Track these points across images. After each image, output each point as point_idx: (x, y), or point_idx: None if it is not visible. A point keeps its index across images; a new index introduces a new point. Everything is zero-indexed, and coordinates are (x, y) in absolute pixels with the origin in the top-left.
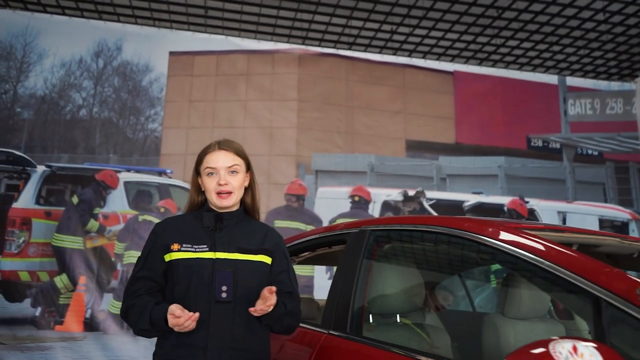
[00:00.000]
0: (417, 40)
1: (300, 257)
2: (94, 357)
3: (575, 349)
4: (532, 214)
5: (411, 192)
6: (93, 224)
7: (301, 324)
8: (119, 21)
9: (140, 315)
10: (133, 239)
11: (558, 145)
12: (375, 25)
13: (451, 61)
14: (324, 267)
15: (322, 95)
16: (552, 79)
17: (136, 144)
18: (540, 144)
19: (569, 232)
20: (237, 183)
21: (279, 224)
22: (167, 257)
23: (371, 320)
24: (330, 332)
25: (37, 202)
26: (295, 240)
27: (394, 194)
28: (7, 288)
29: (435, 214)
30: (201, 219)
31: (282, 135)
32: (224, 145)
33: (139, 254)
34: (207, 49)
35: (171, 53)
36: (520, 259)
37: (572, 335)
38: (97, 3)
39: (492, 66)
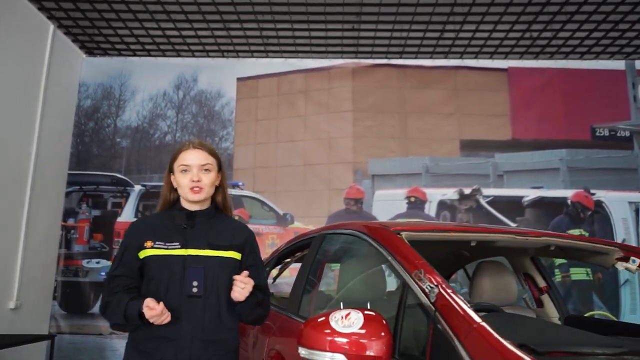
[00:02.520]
0: (465, 42)
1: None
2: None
3: (347, 315)
4: (599, 205)
5: (467, 191)
6: None
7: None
8: (193, 56)
9: (116, 310)
10: None
11: (627, 134)
12: (420, 33)
13: (505, 58)
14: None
15: (375, 104)
16: (617, 64)
17: None
18: (606, 133)
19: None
20: (208, 180)
21: None
22: (142, 254)
23: (314, 306)
24: (289, 314)
25: (136, 216)
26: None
27: (450, 193)
28: None
29: (493, 211)
30: (173, 218)
31: (339, 145)
32: (197, 144)
33: None
34: (268, 72)
35: (238, 79)
36: (380, 252)
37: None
38: (175, 44)
39: (550, 58)
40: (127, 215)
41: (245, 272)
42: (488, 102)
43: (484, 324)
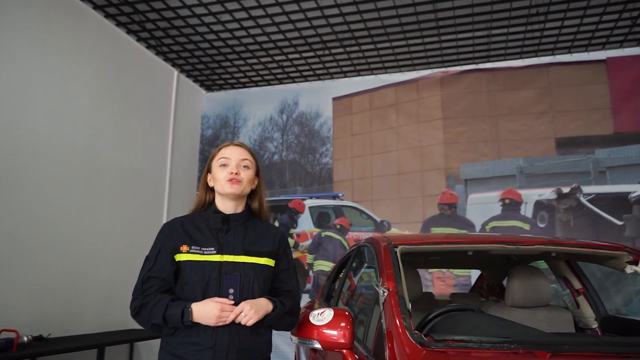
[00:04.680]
0: (554, 37)
1: None
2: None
3: (322, 312)
4: None
5: (565, 190)
6: (290, 242)
7: None
8: (293, 82)
9: (155, 311)
10: (319, 250)
11: None
12: (503, 34)
13: (602, 49)
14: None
15: (465, 110)
16: None
17: (315, 176)
18: None
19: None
20: (246, 176)
21: (435, 230)
22: (177, 257)
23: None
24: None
25: None
26: None
27: (547, 193)
28: None
29: (595, 209)
30: (208, 220)
31: (431, 152)
32: (238, 143)
33: (326, 262)
34: (361, 89)
35: (334, 99)
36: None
37: (579, 323)
38: (276, 74)
39: None
40: None
41: (247, 307)
42: (585, 96)
43: (397, 320)
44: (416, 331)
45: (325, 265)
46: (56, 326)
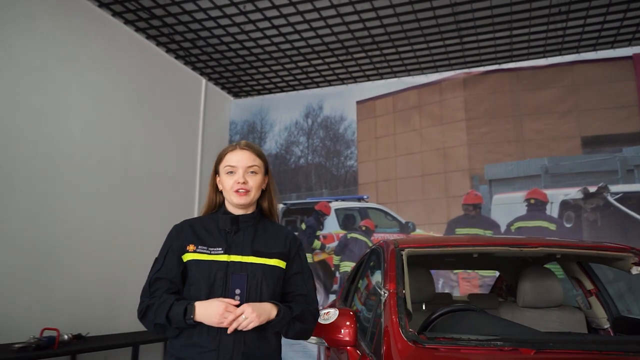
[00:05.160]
0: (577, 35)
1: None
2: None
3: (327, 312)
4: None
5: (592, 189)
6: (317, 243)
7: None
8: (318, 87)
9: (159, 311)
10: (345, 252)
11: None
12: (524, 34)
13: (628, 45)
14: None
15: (488, 111)
16: None
17: (340, 179)
18: None
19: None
20: (254, 183)
21: (460, 231)
22: (184, 258)
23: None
24: None
25: None
26: None
27: (573, 193)
28: None
29: (623, 208)
30: (217, 222)
31: (455, 153)
32: (244, 145)
33: (352, 264)
34: (384, 92)
35: (358, 102)
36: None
37: (592, 323)
38: (302, 79)
39: None
40: None
41: (249, 309)
42: (611, 94)
43: (393, 319)
44: (410, 330)
45: (351, 267)
46: (94, 325)
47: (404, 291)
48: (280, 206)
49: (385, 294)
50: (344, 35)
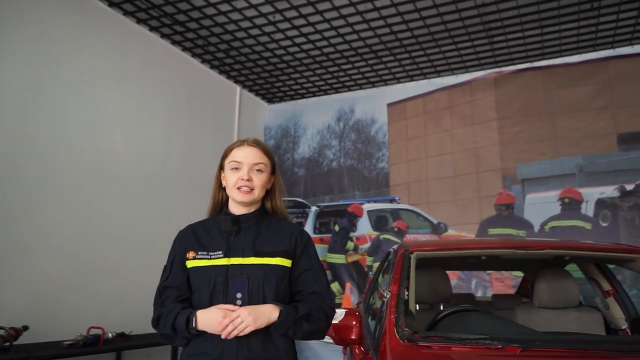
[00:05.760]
0: (611, 30)
1: None
2: None
3: (335, 312)
4: None
5: (629, 187)
6: (350, 245)
7: None
8: (349, 90)
9: (166, 321)
10: (378, 253)
11: None
12: (555, 32)
13: None
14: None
15: (520, 110)
16: None
17: (372, 181)
18: None
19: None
20: (259, 182)
21: (492, 231)
22: (188, 265)
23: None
24: None
25: (315, 232)
26: None
27: (609, 191)
28: None
29: None
30: (219, 224)
31: (487, 153)
32: (252, 142)
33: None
34: (415, 94)
35: (388, 104)
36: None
37: (610, 324)
38: (333, 84)
39: None
40: (308, 231)
41: (245, 313)
42: None
43: (390, 318)
44: (407, 329)
45: None
46: (137, 324)
47: (407, 293)
48: (314, 208)
49: (388, 295)
50: (371, 40)
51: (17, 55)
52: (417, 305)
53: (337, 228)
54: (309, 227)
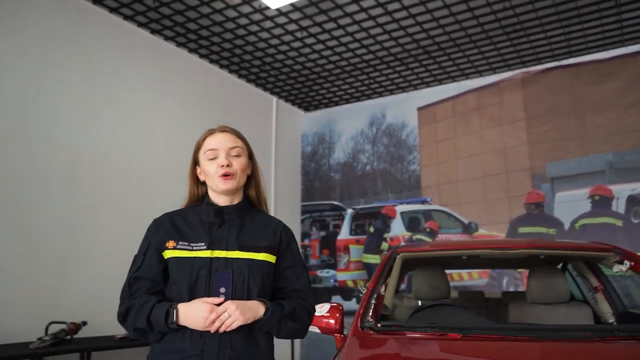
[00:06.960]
0: (638, 27)
1: None
2: None
3: (322, 306)
4: None
5: None
6: (384, 245)
7: None
8: (380, 96)
9: (140, 314)
10: None
11: None
12: (578, 30)
13: None
14: None
15: (548, 108)
16: None
17: (404, 183)
18: None
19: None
20: (239, 166)
21: (523, 230)
22: (165, 255)
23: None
24: None
25: (351, 234)
26: None
27: None
28: (342, 291)
29: None
30: (200, 214)
31: (515, 153)
32: (222, 127)
33: None
34: (444, 97)
35: (418, 108)
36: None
37: (600, 318)
38: (364, 91)
39: None
40: (344, 233)
41: (232, 307)
42: None
43: (362, 309)
44: (371, 319)
45: None
46: None
47: (383, 289)
48: (350, 211)
49: (364, 291)
50: (394, 50)
51: (72, 80)
52: (420, 302)
53: (372, 229)
54: (345, 229)
